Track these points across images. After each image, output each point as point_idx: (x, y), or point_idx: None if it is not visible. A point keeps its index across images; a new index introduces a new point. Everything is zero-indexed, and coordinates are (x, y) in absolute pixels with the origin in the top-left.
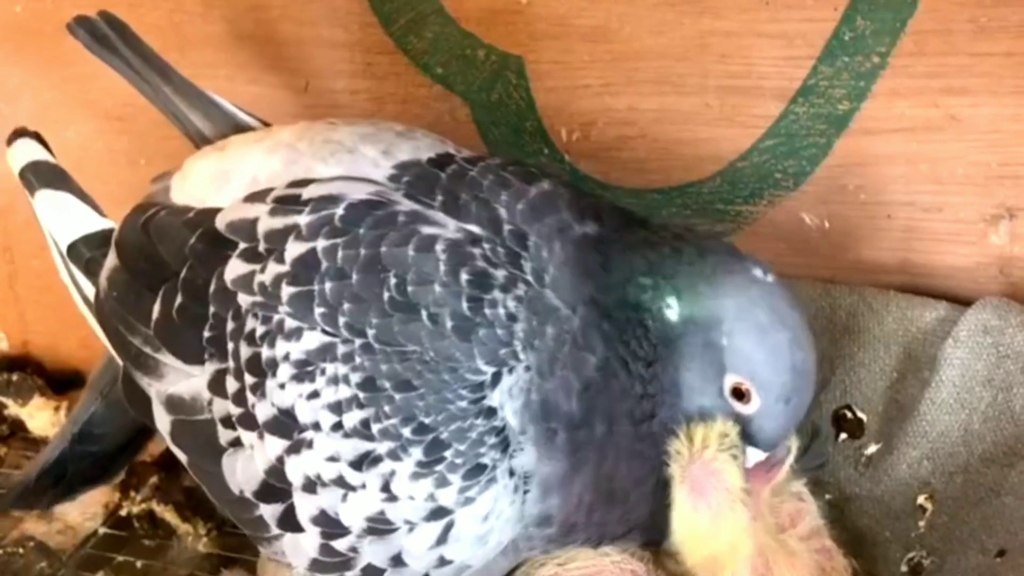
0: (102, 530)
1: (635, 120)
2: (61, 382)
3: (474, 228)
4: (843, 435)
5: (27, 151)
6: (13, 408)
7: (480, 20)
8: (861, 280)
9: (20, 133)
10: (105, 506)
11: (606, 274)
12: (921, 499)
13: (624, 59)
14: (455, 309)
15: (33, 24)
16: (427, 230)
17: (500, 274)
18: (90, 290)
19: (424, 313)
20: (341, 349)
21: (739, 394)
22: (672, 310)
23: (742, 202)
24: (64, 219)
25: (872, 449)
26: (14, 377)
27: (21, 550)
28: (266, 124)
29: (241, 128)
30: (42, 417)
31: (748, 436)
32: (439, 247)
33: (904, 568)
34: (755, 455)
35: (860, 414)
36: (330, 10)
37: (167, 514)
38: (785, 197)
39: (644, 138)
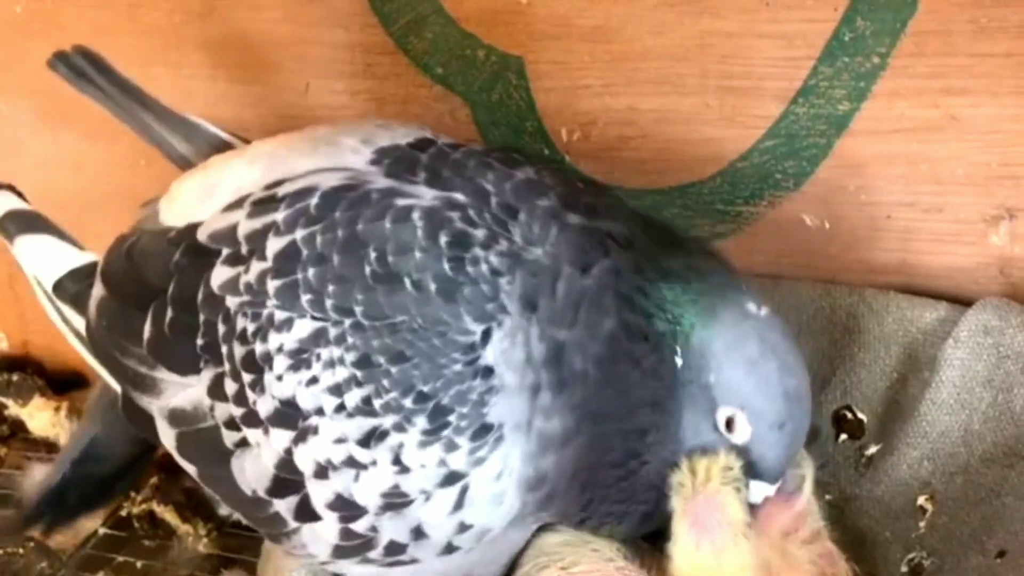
0: (102, 530)
1: (635, 120)
2: (61, 382)
3: (456, 195)
4: (843, 436)
5: (2, 202)
6: (13, 408)
7: (480, 20)
8: (861, 280)
9: None
10: (105, 506)
11: (623, 301)
12: (921, 500)
13: (624, 59)
14: (437, 271)
15: (33, 25)
16: (402, 202)
17: (480, 232)
18: (80, 324)
19: (407, 281)
20: (332, 332)
21: (731, 425)
22: (679, 358)
23: (742, 203)
24: (46, 260)
25: (872, 450)
26: (14, 377)
27: (21, 550)
28: (246, 141)
29: (222, 148)
30: (42, 417)
31: (751, 469)
32: (415, 215)
33: (904, 569)
34: (762, 489)
35: (860, 414)
36: (330, 11)
37: (167, 514)
38: (785, 198)
39: (644, 138)
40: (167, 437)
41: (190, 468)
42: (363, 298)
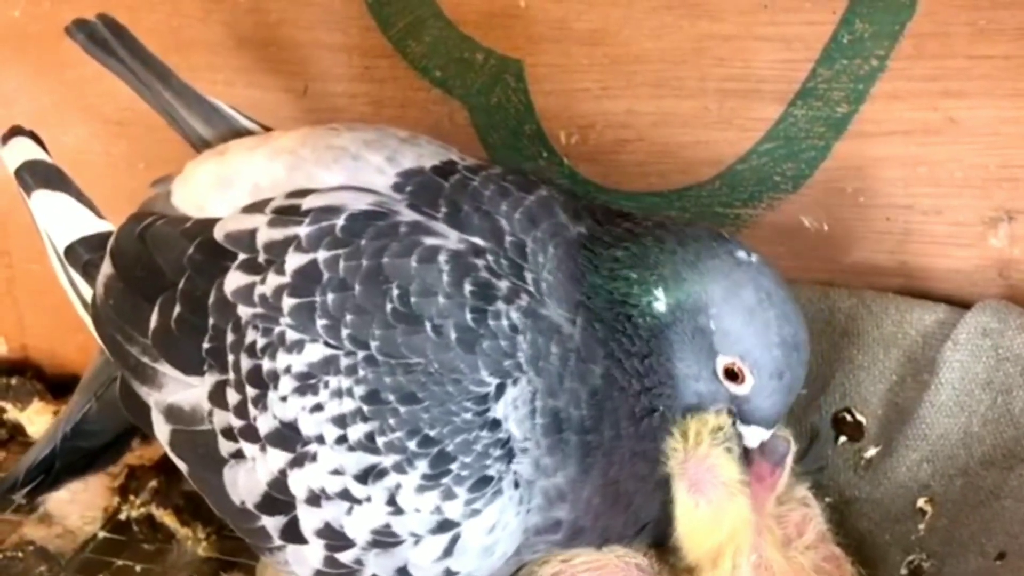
0: (101, 534)
1: (634, 123)
2: (60, 386)
3: (477, 240)
4: (842, 438)
5: (23, 150)
6: (12, 412)
7: (478, 23)
8: (860, 283)
9: (16, 131)
10: (104, 510)
11: (593, 273)
12: (921, 502)
13: (623, 62)
14: (459, 321)
15: (31, 28)
16: (430, 241)
17: (503, 285)
18: (88, 292)
19: (428, 325)
20: (344, 361)
21: (732, 375)
22: (659, 301)
23: (741, 205)
24: (62, 220)
25: (872, 452)
26: (13, 381)
27: (20, 554)
28: (265, 128)
29: (240, 132)
30: (41, 421)
31: (746, 416)
32: (442, 258)
33: (904, 571)
34: (757, 433)
35: (859, 417)
36: (329, 14)
37: (166, 518)
38: (784, 200)
39: (643, 141)
40: (161, 431)
41: (181, 465)
42: (381, 333)
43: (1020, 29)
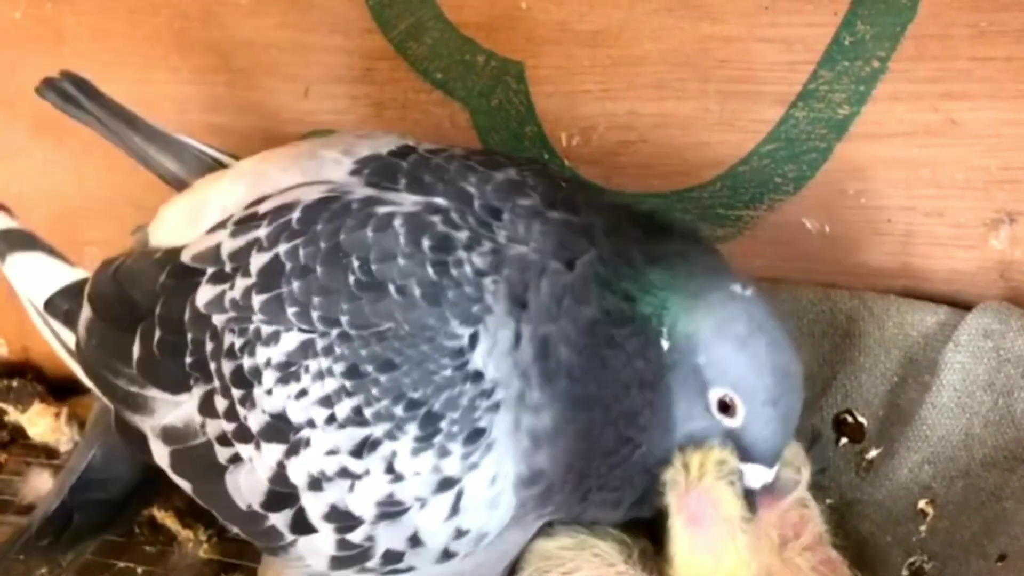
0: (103, 536)
1: (635, 125)
2: (61, 388)
3: (436, 199)
4: (844, 439)
5: None
6: (13, 414)
7: (480, 26)
8: (862, 284)
9: None
10: None
11: (605, 289)
12: (922, 503)
13: (624, 64)
14: (421, 277)
15: (33, 30)
16: (383, 209)
17: (462, 235)
18: (71, 340)
19: (392, 288)
20: (320, 343)
21: (724, 407)
22: (665, 340)
23: (743, 207)
24: (38, 278)
25: (873, 453)
26: (14, 383)
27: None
28: (236, 159)
29: (212, 166)
30: (42, 423)
31: (745, 453)
32: (397, 222)
33: (905, 573)
34: (759, 473)
35: (861, 418)
36: (330, 16)
37: (168, 520)
38: (785, 201)
39: (644, 143)
40: (161, 455)
41: (185, 485)
42: (348, 307)
43: (1022, 31)
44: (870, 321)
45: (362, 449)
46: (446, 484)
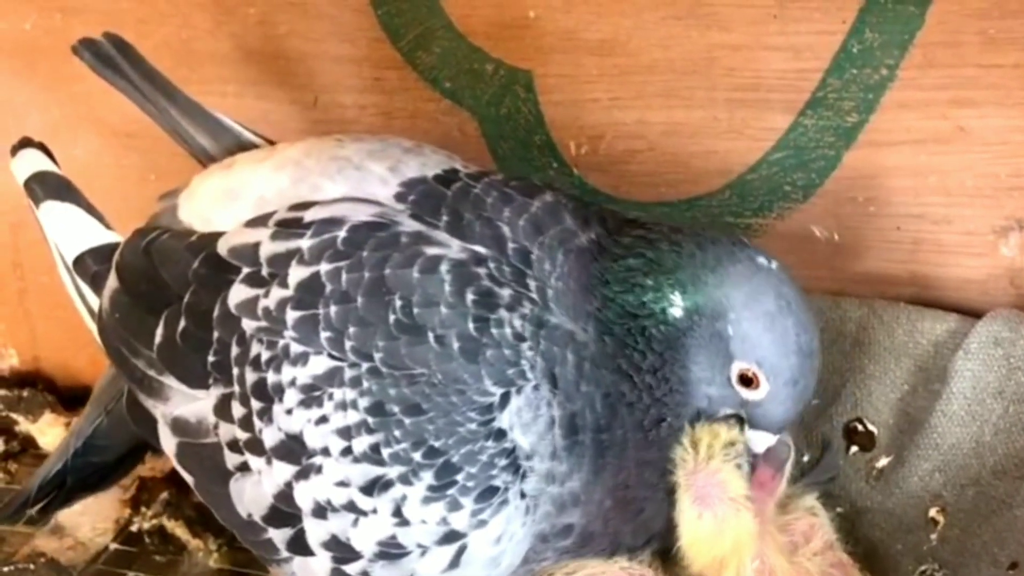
0: (113, 546)
1: (644, 133)
2: (72, 398)
3: (479, 248)
4: (854, 448)
5: (32, 161)
6: (24, 424)
7: (488, 34)
8: (871, 292)
9: (25, 143)
10: (116, 522)
11: (605, 286)
12: (933, 512)
13: (632, 72)
14: (461, 330)
15: (42, 41)
16: (431, 251)
17: (505, 293)
18: (96, 303)
19: (431, 335)
20: (348, 373)
21: (747, 380)
22: (676, 307)
23: (751, 215)
24: (70, 231)
25: (883, 462)
26: (24, 393)
27: (32, 566)
28: (270, 142)
29: (246, 146)
30: (53, 433)
31: (754, 421)
32: (444, 268)
33: None
34: (764, 439)
35: (871, 427)
36: (338, 25)
37: (178, 530)
38: (794, 209)
39: (653, 151)
40: (168, 444)
41: (188, 478)
42: (384, 345)
43: None
44: (880, 329)
45: (373, 487)
46: (451, 537)
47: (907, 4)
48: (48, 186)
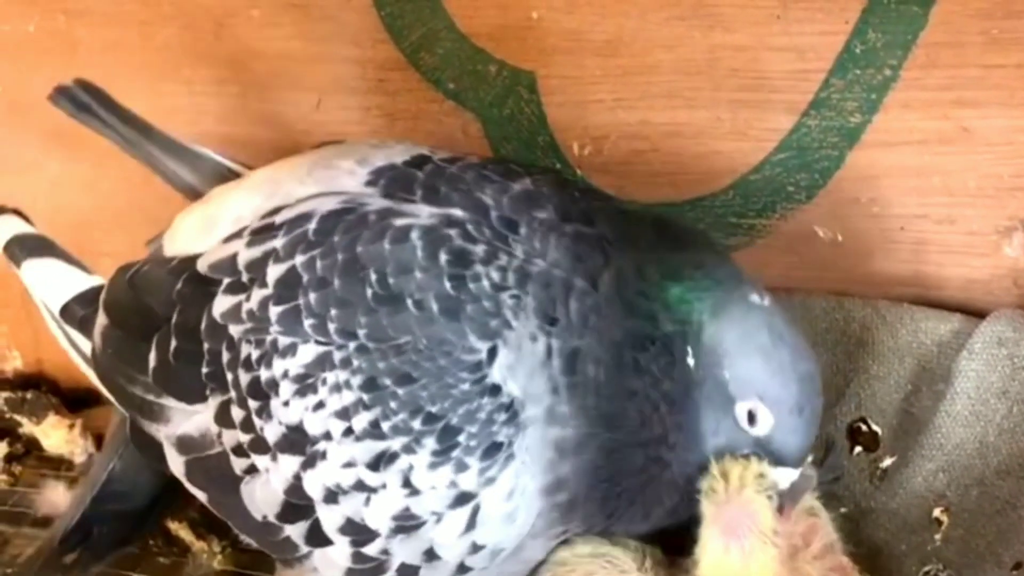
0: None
1: (647, 134)
2: (76, 400)
3: (452, 211)
4: (858, 448)
5: (9, 226)
6: (28, 426)
7: (491, 36)
8: (874, 293)
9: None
10: None
11: (628, 310)
12: (937, 512)
13: (636, 73)
14: (438, 291)
15: (46, 43)
16: (400, 221)
17: (479, 248)
18: (87, 347)
19: (409, 302)
20: (337, 356)
21: (752, 418)
22: (691, 358)
23: (755, 215)
24: (53, 284)
25: (887, 462)
26: (28, 395)
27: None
28: (250, 169)
29: (227, 176)
30: (57, 435)
31: (772, 458)
32: (414, 235)
33: None
34: (787, 475)
35: (875, 427)
36: (341, 27)
37: (182, 531)
38: (798, 210)
39: (656, 152)
40: (176, 464)
41: (200, 495)
42: (366, 320)
43: None
44: (883, 329)
45: (379, 462)
46: (463, 499)
47: (910, 4)
48: (26, 247)
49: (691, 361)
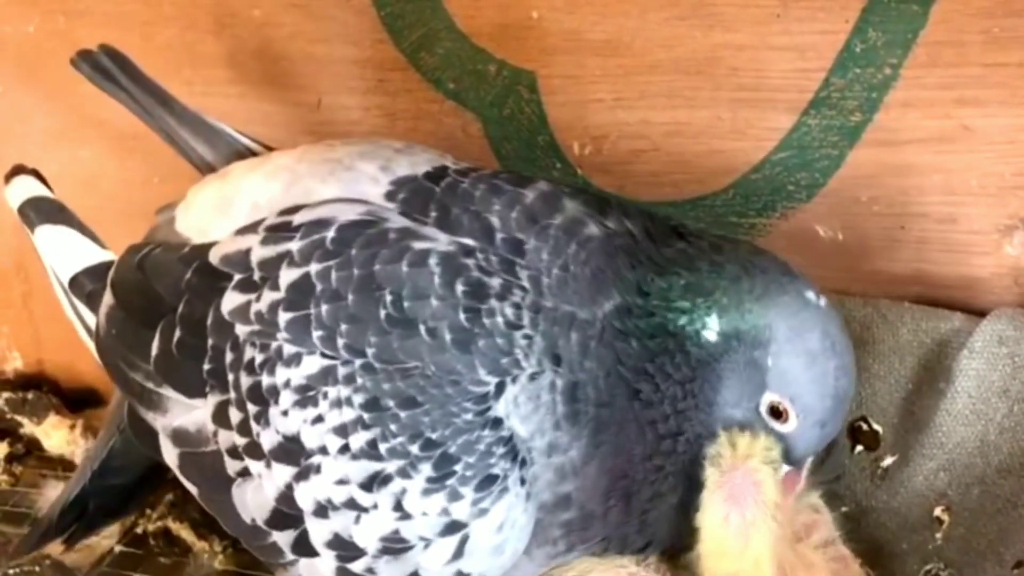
0: (118, 548)
1: (647, 134)
2: (77, 400)
3: (466, 240)
4: (859, 447)
5: (25, 188)
6: (29, 427)
7: (491, 35)
8: (875, 292)
9: (18, 170)
10: (121, 524)
11: (642, 295)
12: (938, 511)
13: (636, 73)
14: (453, 321)
15: (46, 44)
16: (419, 245)
17: (495, 282)
18: (93, 321)
19: (422, 328)
20: (342, 371)
21: (776, 413)
22: (710, 330)
23: (755, 214)
24: (65, 253)
25: (888, 461)
26: (29, 396)
27: (37, 568)
28: (269, 148)
29: (243, 154)
30: (58, 436)
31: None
32: (432, 261)
33: None
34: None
35: (876, 426)
36: (342, 27)
37: (183, 532)
38: (798, 209)
39: (657, 151)
40: (170, 455)
41: (192, 488)
42: (376, 340)
43: None
44: (884, 328)
45: (372, 483)
46: (453, 527)
47: (910, 3)
48: (42, 211)
49: (710, 334)
